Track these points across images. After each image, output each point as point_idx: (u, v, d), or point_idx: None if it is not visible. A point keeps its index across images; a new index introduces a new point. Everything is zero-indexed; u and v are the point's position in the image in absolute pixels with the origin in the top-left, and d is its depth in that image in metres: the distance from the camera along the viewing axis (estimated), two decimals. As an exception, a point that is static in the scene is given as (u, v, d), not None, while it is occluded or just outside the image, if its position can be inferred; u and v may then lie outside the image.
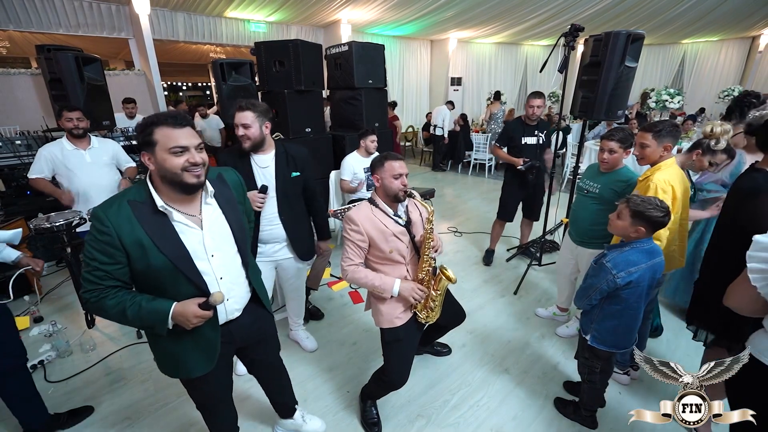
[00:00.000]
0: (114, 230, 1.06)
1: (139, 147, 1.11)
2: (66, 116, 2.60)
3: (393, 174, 1.59)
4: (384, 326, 1.71)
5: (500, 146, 3.37)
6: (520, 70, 10.95)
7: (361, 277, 1.64)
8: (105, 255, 1.08)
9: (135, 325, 1.17)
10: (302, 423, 1.86)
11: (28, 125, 4.53)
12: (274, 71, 4.00)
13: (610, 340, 1.67)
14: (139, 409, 2.04)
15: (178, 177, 1.09)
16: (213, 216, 1.23)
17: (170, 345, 1.25)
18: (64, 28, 5.34)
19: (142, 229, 1.09)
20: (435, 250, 1.68)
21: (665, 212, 1.50)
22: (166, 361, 1.31)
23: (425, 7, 6.72)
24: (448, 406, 2.05)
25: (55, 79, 3.33)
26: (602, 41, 2.69)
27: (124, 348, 2.52)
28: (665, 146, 1.87)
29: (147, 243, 1.09)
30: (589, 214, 2.22)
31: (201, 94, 14.44)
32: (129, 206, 1.09)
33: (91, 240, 1.08)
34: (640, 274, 1.53)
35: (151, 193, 1.12)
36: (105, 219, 1.07)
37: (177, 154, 1.07)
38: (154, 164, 1.09)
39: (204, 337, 1.26)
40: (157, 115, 1.10)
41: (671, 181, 1.80)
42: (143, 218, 1.10)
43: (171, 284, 1.15)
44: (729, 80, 9.03)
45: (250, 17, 6.79)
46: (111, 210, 1.08)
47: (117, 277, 1.11)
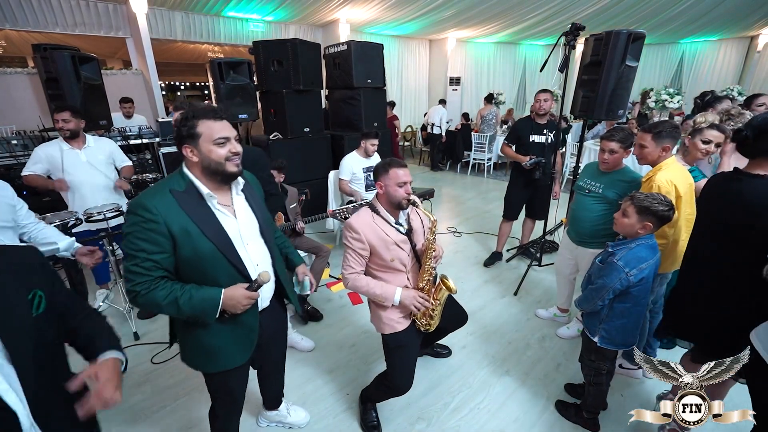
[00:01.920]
0: (162, 218, 1.08)
1: (180, 140, 1.14)
2: (54, 117, 2.60)
3: (398, 182, 1.56)
4: (386, 332, 1.69)
5: (509, 144, 3.36)
6: (519, 70, 10.94)
7: (362, 285, 1.62)
8: (153, 244, 1.09)
9: (183, 315, 1.16)
10: (287, 414, 1.88)
11: (24, 125, 4.49)
12: (273, 70, 3.98)
13: (619, 339, 1.67)
14: (137, 411, 2.02)
15: (222, 166, 1.15)
16: (243, 207, 1.29)
17: (208, 337, 1.25)
18: (60, 27, 5.30)
19: (187, 217, 1.12)
20: (436, 259, 1.66)
21: (669, 206, 1.53)
22: (201, 354, 1.30)
23: (424, 6, 6.70)
24: (448, 408, 2.03)
25: (52, 79, 3.29)
26: (603, 40, 2.68)
27: (123, 348, 2.49)
28: (664, 147, 1.88)
29: (193, 230, 1.13)
30: (591, 214, 2.20)
31: (199, 93, 14.37)
32: (172, 195, 1.12)
33: (137, 231, 1.08)
34: (649, 270, 1.55)
35: (191, 183, 1.16)
36: (152, 207, 1.08)
37: (221, 144, 1.14)
38: (198, 155, 1.14)
39: (244, 325, 1.29)
40: (196, 109, 1.14)
41: (674, 180, 1.81)
42: (188, 206, 1.13)
43: (213, 271, 1.18)
44: (728, 80, 9.03)
45: (249, 16, 6.76)
46: (156, 199, 1.10)
47: (165, 266, 1.12)
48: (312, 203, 3.67)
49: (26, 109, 4.88)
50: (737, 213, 1.39)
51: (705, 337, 1.56)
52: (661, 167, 1.88)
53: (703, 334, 1.57)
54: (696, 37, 9.08)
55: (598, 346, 1.70)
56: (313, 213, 3.07)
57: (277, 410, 1.87)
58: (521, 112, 10.54)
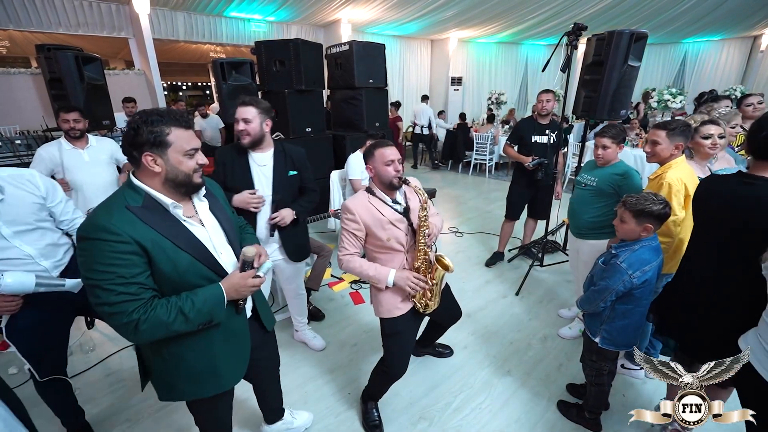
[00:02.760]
0: (130, 236, 0.97)
1: (138, 146, 1.00)
2: (63, 117, 2.59)
3: (384, 161, 1.58)
4: (384, 316, 1.70)
5: (511, 144, 3.36)
6: (521, 70, 10.92)
7: (355, 267, 1.63)
8: (131, 266, 0.98)
9: (192, 326, 1.07)
10: (292, 420, 1.85)
11: (27, 125, 4.52)
12: (275, 71, 3.98)
13: (620, 340, 1.66)
14: (139, 410, 2.03)
15: (189, 178, 1.09)
16: (208, 215, 1.22)
17: (200, 358, 1.18)
18: (64, 27, 5.33)
19: (155, 232, 1.02)
20: (430, 237, 1.66)
21: (663, 203, 1.52)
22: (193, 380, 1.20)
23: (425, 6, 6.70)
24: (450, 408, 2.03)
25: (55, 79, 3.31)
26: (605, 40, 2.68)
27: (123, 349, 2.50)
28: (677, 145, 1.87)
29: (166, 245, 1.04)
30: (587, 206, 2.30)
31: (201, 93, 14.42)
32: (131, 212, 1.01)
33: (107, 259, 0.95)
34: (652, 271, 1.54)
35: (149, 195, 1.05)
36: (114, 227, 0.96)
37: (191, 156, 1.08)
38: (163, 166, 1.03)
39: (237, 333, 1.26)
40: (161, 113, 1.03)
41: (684, 179, 1.81)
42: (152, 221, 1.03)
43: (198, 283, 1.11)
44: (730, 80, 9.00)
45: (251, 17, 6.78)
46: (114, 217, 0.98)
47: (150, 285, 1.03)
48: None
49: (29, 109, 4.91)
50: (756, 218, 1.31)
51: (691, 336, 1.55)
52: (671, 166, 1.87)
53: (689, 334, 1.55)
54: (699, 36, 9.05)
55: (599, 347, 1.70)
56: (315, 213, 3.06)
57: (282, 420, 1.83)
58: (523, 112, 10.52)
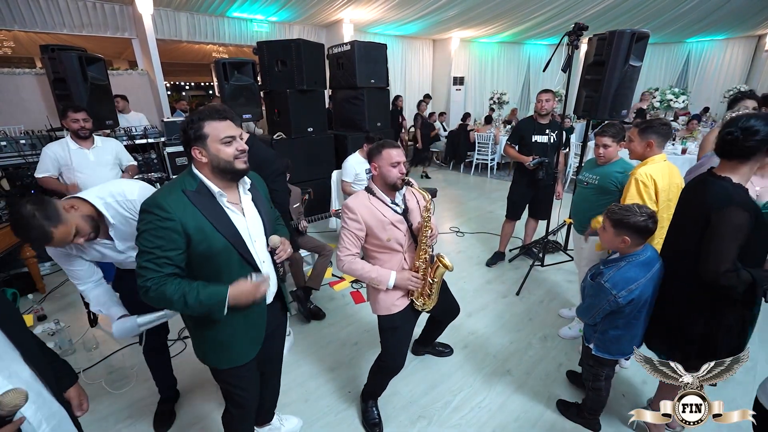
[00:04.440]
0: (177, 216, 1.12)
1: (188, 143, 1.17)
2: (72, 117, 2.61)
3: (391, 162, 1.58)
4: (381, 313, 1.72)
5: (512, 144, 3.36)
6: (523, 70, 10.89)
7: (357, 269, 1.63)
8: (168, 241, 1.13)
9: (193, 312, 1.19)
10: (280, 426, 1.85)
11: (32, 125, 4.54)
12: (277, 71, 4.00)
13: (614, 349, 1.63)
14: (141, 407, 2.05)
15: (231, 164, 1.19)
16: (250, 206, 1.33)
17: (219, 331, 1.29)
18: (68, 28, 5.36)
19: (201, 214, 1.17)
20: (432, 238, 1.67)
21: (648, 216, 1.43)
22: (213, 349, 1.34)
23: (427, 6, 6.69)
24: (449, 407, 2.04)
25: (59, 79, 3.34)
26: (606, 40, 2.68)
27: (126, 347, 2.53)
28: (648, 142, 1.91)
29: (207, 227, 1.17)
30: (588, 204, 2.32)
31: (204, 93, 14.46)
32: (185, 194, 1.16)
33: (151, 229, 1.12)
34: (641, 289, 1.46)
35: (202, 182, 1.20)
36: (167, 206, 1.12)
37: (228, 143, 1.17)
38: (207, 156, 1.17)
39: (253, 315, 1.33)
40: (200, 111, 1.18)
41: (653, 175, 1.83)
42: (200, 204, 1.17)
43: (226, 265, 1.23)
44: (734, 79, 8.94)
45: (253, 17, 6.80)
46: (170, 198, 1.14)
47: (176, 263, 1.16)
48: (315, 203, 3.68)
49: (34, 109, 4.94)
50: (695, 211, 1.40)
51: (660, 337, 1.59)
52: (646, 162, 1.91)
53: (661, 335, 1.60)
54: (702, 36, 9.00)
55: (593, 354, 1.69)
56: (316, 212, 3.08)
57: (270, 424, 1.82)
58: (525, 111, 10.49)
